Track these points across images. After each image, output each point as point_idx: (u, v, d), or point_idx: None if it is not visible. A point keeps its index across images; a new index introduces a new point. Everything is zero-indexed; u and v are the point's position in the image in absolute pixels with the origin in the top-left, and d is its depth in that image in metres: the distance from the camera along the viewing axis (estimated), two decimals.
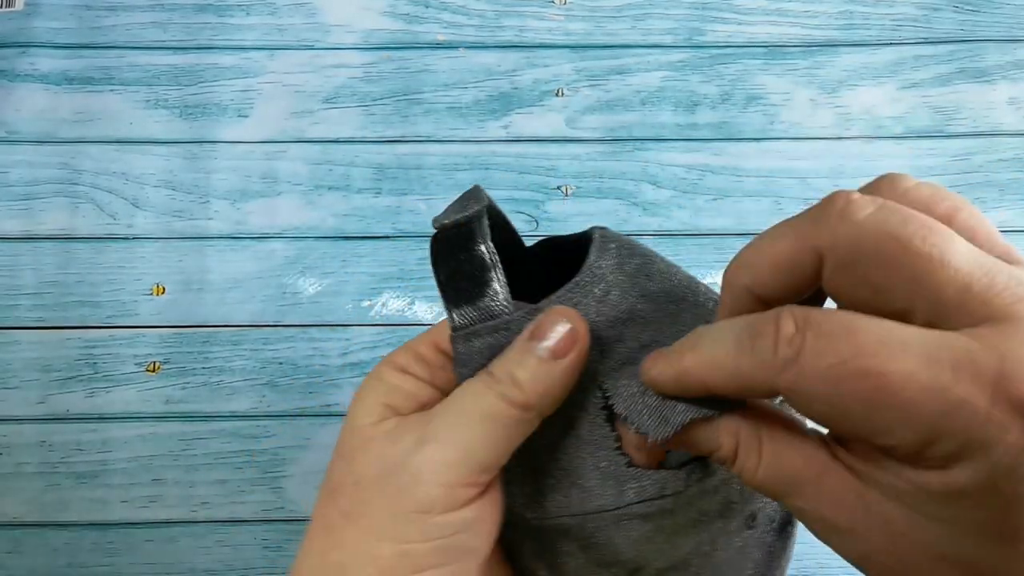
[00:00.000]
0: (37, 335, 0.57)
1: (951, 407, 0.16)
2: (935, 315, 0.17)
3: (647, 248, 0.30)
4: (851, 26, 0.63)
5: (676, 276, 0.29)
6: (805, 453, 0.20)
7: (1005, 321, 0.16)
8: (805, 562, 0.55)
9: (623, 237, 0.30)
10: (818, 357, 0.17)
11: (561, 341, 0.24)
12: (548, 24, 0.63)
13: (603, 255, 0.29)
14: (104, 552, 0.54)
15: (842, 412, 0.18)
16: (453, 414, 0.25)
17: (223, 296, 0.58)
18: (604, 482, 0.26)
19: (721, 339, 0.20)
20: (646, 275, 0.29)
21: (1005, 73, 0.63)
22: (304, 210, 0.59)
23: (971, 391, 0.16)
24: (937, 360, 0.16)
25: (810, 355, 0.17)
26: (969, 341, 0.16)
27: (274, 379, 0.56)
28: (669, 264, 0.30)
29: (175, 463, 0.55)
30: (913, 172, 0.61)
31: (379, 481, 0.24)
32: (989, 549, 0.17)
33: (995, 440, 0.16)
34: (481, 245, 0.26)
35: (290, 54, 0.62)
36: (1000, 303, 0.16)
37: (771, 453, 0.21)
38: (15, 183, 0.59)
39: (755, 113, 0.62)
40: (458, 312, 0.26)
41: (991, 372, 0.16)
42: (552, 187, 0.60)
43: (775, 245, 0.20)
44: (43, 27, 0.61)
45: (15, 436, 0.55)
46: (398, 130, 0.61)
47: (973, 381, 0.16)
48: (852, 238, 0.18)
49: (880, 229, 0.18)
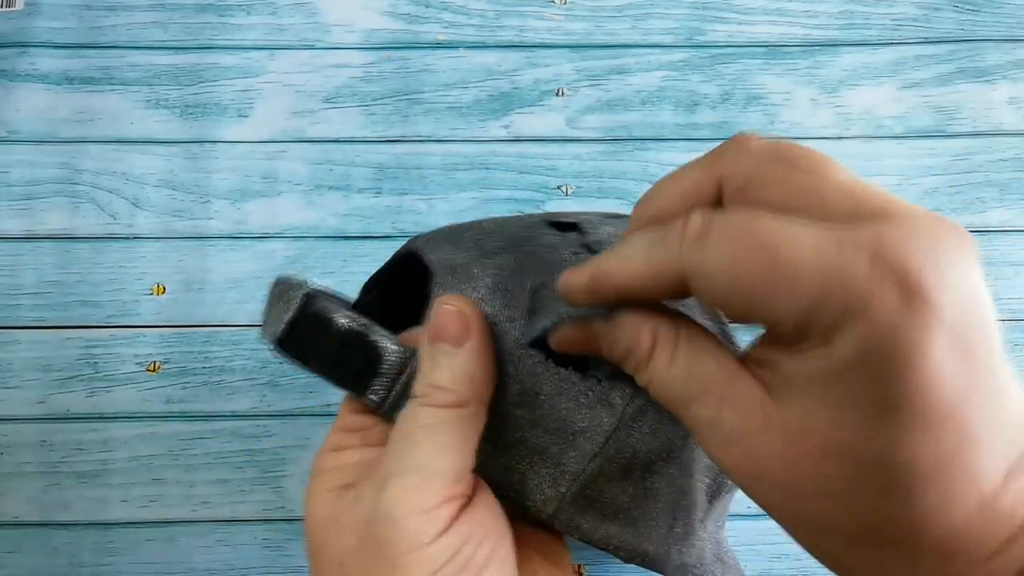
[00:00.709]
0: (37, 335, 0.57)
1: (833, 270, 0.17)
2: (824, 220, 0.19)
3: (454, 224, 0.31)
4: (851, 26, 0.64)
5: (499, 224, 0.29)
6: (718, 358, 0.21)
7: (885, 215, 0.18)
8: (805, 561, 0.55)
9: (433, 232, 0.31)
10: (721, 238, 0.19)
11: (456, 327, 0.24)
12: (548, 24, 0.63)
13: (434, 250, 0.29)
14: (104, 552, 0.54)
15: (740, 289, 0.19)
16: (399, 445, 0.24)
17: (224, 296, 0.58)
18: (595, 411, 0.26)
19: (634, 243, 0.22)
20: (482, 237, 0.29)
21: (1005, 73, 0.63)
22: (304, 210, 0.59)
23: (851, 258, 0.17)
24: (824, 236, 0.18)
25: (715, 236, 0.19)
26: (853, 226, 0.18)
27: (275, 379, 0.56)
28: (482, 221, 0.30)
29: (175, 463, 0.55)
30: (913, 172, 0.61)
31: (361, 546, 0.23)
32: (871, 426, 0.17)
33: (873, 303, 0.17)
34: (338, 317, 0.24)
35: (290, 54, 0.62)
36: (879, 201, 0.18)
37: (686, 354, 0.22)
38: (15, 183, 0.59)
39: (755, 113, 0.62)
40: (370, 391, 0.25)
41: (869, 242, 0.17)
42: (552, 187, 0.60)
43: (681, 180, 0.22)
44: (43, 27, 0.61)
45: (15, 436, 0.55)
46: (398, 130, 0.61)
47: (854, 250, 0.17)
48: (748, 164, 0.20)
49: (772, 154, 0.20)
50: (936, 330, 0.16)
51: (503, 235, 0.29)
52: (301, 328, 0.24)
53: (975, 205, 0.61)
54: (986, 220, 0.60)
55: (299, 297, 0.25)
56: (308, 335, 0.24)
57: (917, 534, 0.17)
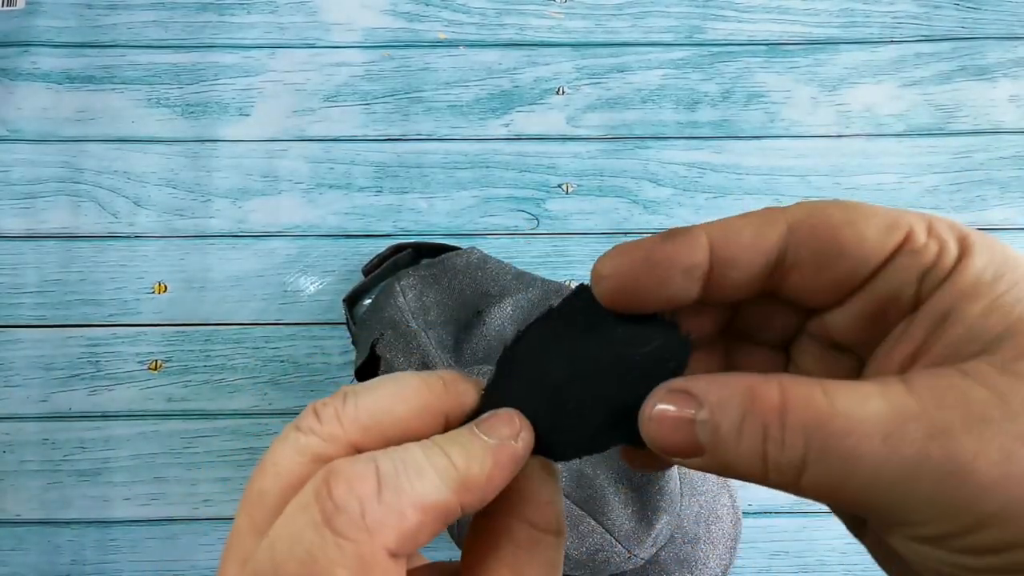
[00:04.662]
0: (39, 333, 0.57)
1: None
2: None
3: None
4: (852, 24, 0.63)
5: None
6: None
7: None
8: (806, 558, 0.55)
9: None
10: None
11: (512, 442, 0.20)
12: (549, 22, 0.63)
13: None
14: (106, 549, 0.54)
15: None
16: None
17: (225, 294, 0.58)
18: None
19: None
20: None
21: (1006, 71, 0.63)
22: (305, 208, 0.59)
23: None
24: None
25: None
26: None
27: (276, 377, 0.57)
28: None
29: (177, 461, 0.55)
30: (914, 170, 0.61)
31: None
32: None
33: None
34: None
35: (291, 52, 0.62)
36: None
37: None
38: (17, 182, 0.59)
39: (756, 111, 0.62)
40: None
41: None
42: (553, 185, 0.60)
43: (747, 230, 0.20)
44: (45, 26, 0.61)
45: (17, 434, 0.55)
46: (399, 128, 0.61)
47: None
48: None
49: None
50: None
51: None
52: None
53: (976, 203, 0.61)
54: (987, 218, 0.60)
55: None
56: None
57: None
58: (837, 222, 0.18)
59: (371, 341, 0.49)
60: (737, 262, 0.19)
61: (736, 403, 0.17)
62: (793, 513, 0.55)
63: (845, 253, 0.18)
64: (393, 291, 0.50)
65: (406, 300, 0.49)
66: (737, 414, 0.17)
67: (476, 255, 0.52)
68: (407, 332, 0.48)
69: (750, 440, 0.17)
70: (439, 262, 0.51)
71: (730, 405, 0.17)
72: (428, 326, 0.49)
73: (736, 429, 0.17)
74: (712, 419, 0.17)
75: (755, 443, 0.17)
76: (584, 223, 0.60)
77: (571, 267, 0.59)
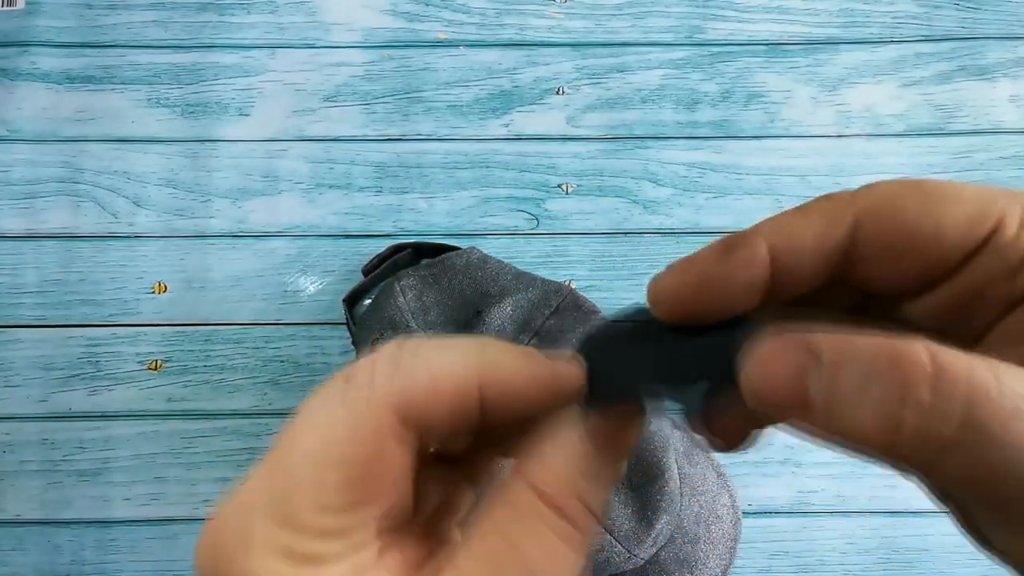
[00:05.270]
0: (39, 333, 0.57)
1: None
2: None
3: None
4: (852, 24, 0.63)
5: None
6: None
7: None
8: (806, 558, 0.55)
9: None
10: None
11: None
12: (549, 22, 0.63)
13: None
14: (106, 550, 0.54)
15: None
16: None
17: (224, 294, 0.58)
18: None
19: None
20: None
21: (1006, 70, 0.63)
22: (305, 208, 0.59)
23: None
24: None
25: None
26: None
27: (276, 377, 0.57)
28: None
29: (177, 461, 0.55)
30: (914, 170, 0.61)
31: None
32: None
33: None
34: None
35: (291, 52, 0.62)
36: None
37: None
38: (17, 182, 0.59)
39: (756, 111, 0.62)
40: None
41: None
42: (553, 185, 0.60)
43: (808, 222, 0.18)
44: (44, 26, 0.61)
45: (17, 434, 0.55)
46: (399, 128, 0.61)
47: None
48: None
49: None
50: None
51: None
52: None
53: None
54: None
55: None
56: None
57: None
58: (911, 214, 0.17)
59: (371, 341, 0.49)
60: (801, 267, 0.18)
61: (865, 358, 0.15)
62: (793, 513, 0.55)
63: (920, 249, 0.17)
64: (393, 291, 0.50)
65: (406, 300, 0.49)
66: (863, 370, 0.15)
67: (476, 255, 0.52)
68: (407, 332, 0.48)
69: (880, 402, 0.14)
70: (439, 262, 0.51)
71: (858, 360, 0.15)
72: (428, 326, 0.49)
73: (859, 388, 0.15)
74: (831, 371, 0.15)
75: (887, 406, 0.14)
76: (584, 223, 0.60)
77: (571, 267, 0.59)
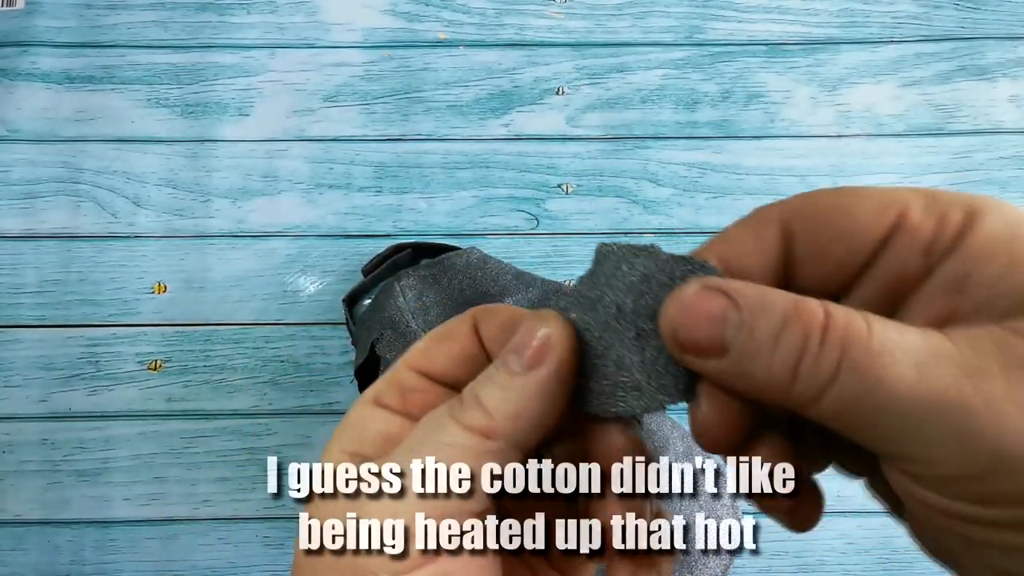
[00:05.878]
0: (39, 333, 0.57)
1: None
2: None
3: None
4: (852, 24, 0.63)
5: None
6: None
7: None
8: (806, 558, 0.55)
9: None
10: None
11: (535, 350, 0.20)
12: (548, 22, 0.63)
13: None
14: (106, 549, 0.54)
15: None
16: (406, 451, 0.21)
17: (224, 294, 0.58)
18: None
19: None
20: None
21: (1006, 70, 0.63)
22: (305, 208, 0.59)
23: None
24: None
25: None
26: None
27: (275, 377, 0.57)
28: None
29: (177, 461, 0.55)
30: (913, 170, 0.61)
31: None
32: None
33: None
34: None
35: (291, 52, 0.62)
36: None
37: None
38: (16, 182, 0.59)
39: (755, 111, 0.62)
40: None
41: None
42: (552, 185, 0.60)
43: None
44: (44, 26, 0.61)
45: (17, 434, 0.55)
46: (399, 128, 0.61)
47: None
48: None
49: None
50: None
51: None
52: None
53: None
54: None
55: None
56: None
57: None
58: (828, 208, 0.19)
59: (371, 341, 0.49)
60: (751, 273, 0.19)
61: (778, 311, 0.17)
62: None
63: (839, 238, 0.18)
64: (393, 291, 0.50)
65: (406, 300, 0.49)
66: (776, 321, 0.17)
67: (476, 255, 0.52)
68: (407, 332, 0.48)
69: (786, 349, 0.17)
70: (439, 262, 0.51)
71: (771, 311, 0.17)
72: (428, 326, 0.49)
73: (772, 336, 0.17)
74: (748, 321, 0.17)
75: (791, 353, 0.16)
76: (584, 223, 0.60)
77: (571, 267, 0.59)
